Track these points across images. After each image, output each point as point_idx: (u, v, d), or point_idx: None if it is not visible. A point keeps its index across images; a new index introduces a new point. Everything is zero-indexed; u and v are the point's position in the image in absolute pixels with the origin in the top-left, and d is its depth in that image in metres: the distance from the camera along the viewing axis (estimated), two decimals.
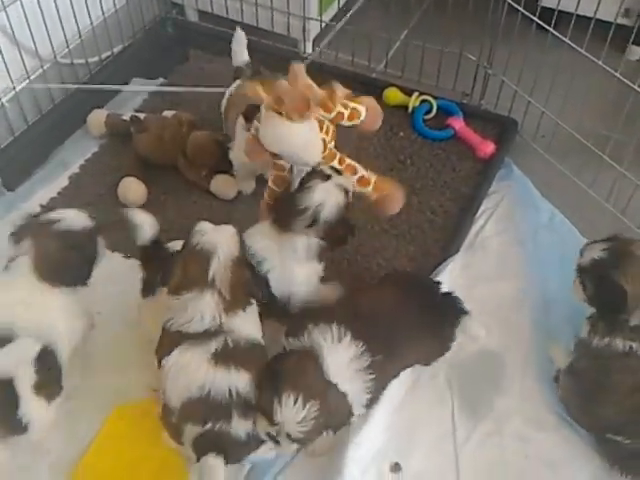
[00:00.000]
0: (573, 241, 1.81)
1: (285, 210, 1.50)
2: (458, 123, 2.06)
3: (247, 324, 1.39)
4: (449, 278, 1.74)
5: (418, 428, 1.51)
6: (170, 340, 1.36)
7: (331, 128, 1.54)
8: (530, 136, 2.05)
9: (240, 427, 1.30)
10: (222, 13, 2.35)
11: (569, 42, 1.80)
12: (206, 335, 1.33)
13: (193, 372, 1.31)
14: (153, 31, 2.36)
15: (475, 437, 1.50)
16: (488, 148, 2.00)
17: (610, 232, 1.82)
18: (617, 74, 1.72)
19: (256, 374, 1.33)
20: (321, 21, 2.28)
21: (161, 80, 2.21)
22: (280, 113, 1.46)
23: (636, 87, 1.69)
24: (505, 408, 1.54)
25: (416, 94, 2.11)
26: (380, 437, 1.48)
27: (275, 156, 1.54)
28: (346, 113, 1.52)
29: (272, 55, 2.15)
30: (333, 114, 1.50)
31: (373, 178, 1.63)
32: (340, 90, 1.49)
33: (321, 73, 2.13)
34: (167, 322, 1.36)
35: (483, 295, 1.73)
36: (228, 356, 1.32)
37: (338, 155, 1.59)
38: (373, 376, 1.36)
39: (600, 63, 1.74)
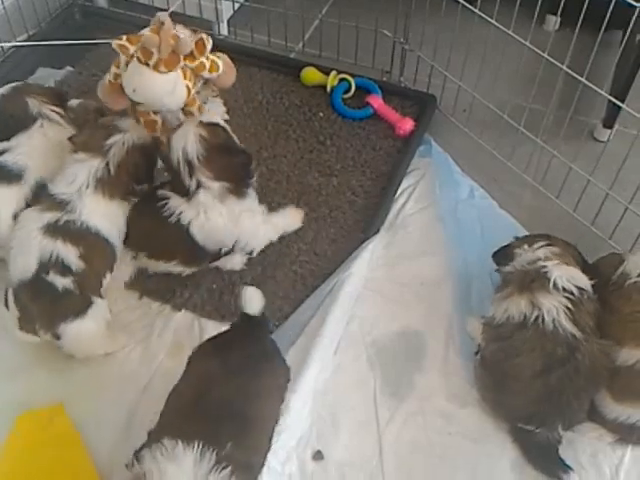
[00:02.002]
0: (493, 215, 1.81)
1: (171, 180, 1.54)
2: (377, 101, 2.02)
3: (101, 216, 1.51)
4: (370, 258, 1.72)
5: (341, 412, 1.48)
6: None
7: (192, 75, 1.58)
8: (449, 111, 2.03)
9: (57, 281, 1.43)
10: None
11: (479, 13, 1.77)
12: (54, 205, 1.48)
13: (25, 236, 1.46)
14: (60, 19, 2.26)
15: (398, 418, 1.47)
16: (407, 125, 1.97)
17: (529, 203, 1.85)
18: (527, 43, 1.70)
19: (85, 254, 1.46)
20: (233, 1, 2.21)
21: (68, 69, 2.11)
22: (146, 64, 1.49)
23: (546, 55, 1.67)
24: (427, 386, 1.52)
25: (334, 73, 2.07)
26: (302, 424, 1.45)
27: (137, 103, 1.59)
28: (207, 64, 1.55)
29: None
30: (196, 63, 1.53)
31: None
32: (208, 42, 1.53)
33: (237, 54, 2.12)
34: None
35: (405, 274, 1.71)
36: (57, 231, 1.46)
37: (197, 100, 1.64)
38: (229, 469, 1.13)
39: (510, 33, 1.72)
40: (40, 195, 1.55)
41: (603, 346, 1.39)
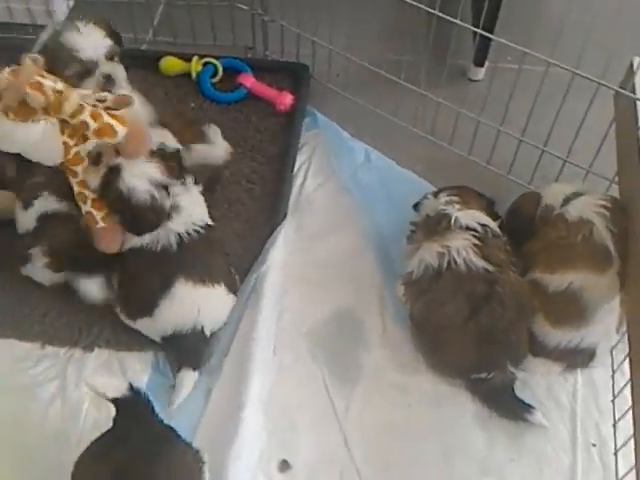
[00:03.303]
0: (393, 174, 1.77)
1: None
2: (249, 80, 1.91)
3: None
4: (284, 245, 1.63)
5: (295, 413, 1.40)
6: None
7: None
8: (324, 78, 1.95)
9: None
10: None
11: None
12: None
13: None
14: None
15: (355, 403, 1.41)
16: (286, 99, 1.87)
17: (424, 155, 1.82)
18: None
19: None
20: None
21: None
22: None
23: (416, 3, 1.63)
24: (374, 362, 1.47)
25: (196, 58, 1.92)
26: (259, 436, 1.35)
27: None
28: (93, 126, 1.33)
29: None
30: (75, 121, 1.32)
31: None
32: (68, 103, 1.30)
33: None
34: None
35: (323, 253, 1.64)
36: None
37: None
38: None
39: None
40: None
41: (519, 278, 1.41)
